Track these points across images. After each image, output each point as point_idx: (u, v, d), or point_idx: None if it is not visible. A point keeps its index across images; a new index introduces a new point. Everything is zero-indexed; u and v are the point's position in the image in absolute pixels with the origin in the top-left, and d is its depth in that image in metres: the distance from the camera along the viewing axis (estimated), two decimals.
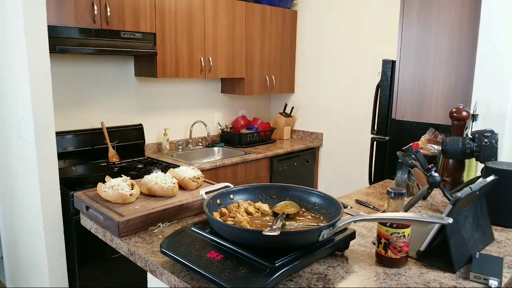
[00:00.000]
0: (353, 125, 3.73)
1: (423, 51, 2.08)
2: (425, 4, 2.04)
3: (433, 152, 1.97)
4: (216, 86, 3.87)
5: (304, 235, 1.00)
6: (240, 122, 3.94)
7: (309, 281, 0.96)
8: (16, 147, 2.37)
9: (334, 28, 3.78)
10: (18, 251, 2.62)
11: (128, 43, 2.76)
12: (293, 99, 4.23)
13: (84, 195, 1.32)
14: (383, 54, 3.08)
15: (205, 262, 0.94)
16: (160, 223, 1.25)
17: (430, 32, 2.05)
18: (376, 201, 1.72)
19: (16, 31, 2.10)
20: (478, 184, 1.15)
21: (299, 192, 1.26)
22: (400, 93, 2.19)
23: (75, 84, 2.90)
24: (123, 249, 1.16)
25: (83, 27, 2.53)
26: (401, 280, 0.98)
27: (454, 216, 1.04)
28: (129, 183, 1.34)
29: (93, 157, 2.90)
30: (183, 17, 3.09)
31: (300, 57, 4.10)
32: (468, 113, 1.66)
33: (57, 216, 2.26)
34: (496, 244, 1.23)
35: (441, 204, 1.62)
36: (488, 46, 1.78)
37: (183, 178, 1.44)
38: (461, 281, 0.99)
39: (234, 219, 1.11)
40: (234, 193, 1.24)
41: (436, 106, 2.06)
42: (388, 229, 1.03)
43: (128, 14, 2.74)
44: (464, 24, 1.93)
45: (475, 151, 1.52)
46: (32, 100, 2.09)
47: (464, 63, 1.95)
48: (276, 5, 3.84)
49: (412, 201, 1.47)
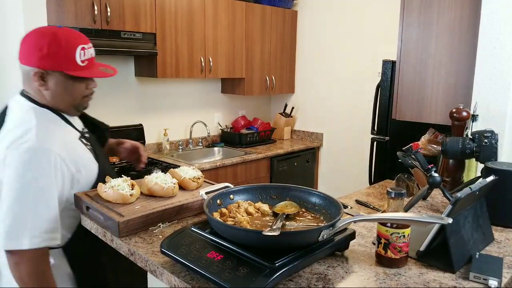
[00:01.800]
0: (353, 125, 3.73)
1: (423, 51, 2.08)
2: (425, 4, 2.04)
3: (433, 152, 1.98)
4: (216, 86, 3.87)
5: (304, 235, 1.00)
6: (240, 122, 3.94)
7: (309, 281, 0.96)
8: None
9: (334, 28, 3.78)
10: None
11: (128, 43, 2.76)
12: (293, 99, 4.23)
13: (84, 195, 1.32)
14: (383, 54, 3.08)
15: (205, 262, 0.94)
16: (160, 223, 1.26)
17: (430, 32, 2.05)
18: (376, 201, 1.72)
19: (17, 31, 2.10)
20: (478, 184, 1.15)
21: (299, 192, 1.26)
22: (400, 93, 2.19)
23: None
24: (123, 249, 1.16)
25: (83, 27, 2.53)
26: (401, 280, 0.98)
27: (454, 216, 1.04)
28: (129, 183, 1.34)
29: None
30: (183, 17, 3.09)
31: (300, 57, 4.10)
32: (468, 113, 1.66)
33: None
34: (496, 244, 1.23)
35: (441, 204, 1.62)
36: (488, 46, 1.78)
37: (183, 178, 1.44)
38: (461, 281, 0.99)
39: (234, 219, 1.11)
40: (234, 193, 1.24)
41: (436, 107, 2.06)
42: (388, 229, 1.03)
43: (128, 14, 2.74)
44: (464, 24, 1.93)
45: (475, 151, 1.52)
46: None
47: (464, 64, 1.95)
48: (276, 5, 3.84)
49: (412, 201, 1.47)
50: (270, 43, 3.84)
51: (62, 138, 1.31)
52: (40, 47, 1.25)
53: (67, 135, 1.36)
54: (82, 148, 1.38)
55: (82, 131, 1.45)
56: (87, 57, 1.31)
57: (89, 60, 1.32)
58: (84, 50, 1.30)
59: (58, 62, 1.27)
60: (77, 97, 1.36)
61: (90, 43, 1.34)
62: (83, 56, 1.30)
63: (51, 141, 1.25)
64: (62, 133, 1.34)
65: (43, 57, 1.25)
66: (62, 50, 1.26)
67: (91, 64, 1.34)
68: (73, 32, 1.32)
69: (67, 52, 1.27)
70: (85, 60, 1.30)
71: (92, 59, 1.34)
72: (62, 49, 1.26)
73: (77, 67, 1.29)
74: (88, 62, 1.32)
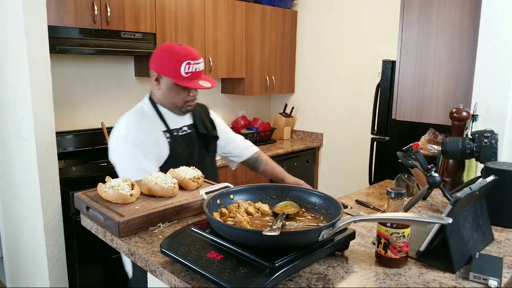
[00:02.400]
0: (353, 125, 3.73)
1: (423, 51, 2.08)
2: (425, 4, 2.04)
3: (433, 152, 1.97)
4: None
5: (304, 235, 1.00)
6: (240, 122, 3.94)
7: (309, 281, 0.96)
8: (16, 147, 2.37)
9: (334, 28, 3.78)
10: (18, 251, 2.62)
11: (128, 43, 2.76)
12: (293, 99, 4.23)
13: (84, 195, 1.32)
14: (383, 54, 3.08)
15: (205, 262, 0.94)
16: (160, 223, 1.25)
17: (430, 32, 2.05)
18: (376, 201, 1.72)
19: (17, 31, 2.10)
20: (478, 184, 1.15)
21: (299, 192, 1.26)
22: (400, 93, 2.19)
23: (75, 84, 2.91)
24: (123, 249, 1.16)
25: (83, 27, 2.53)
26: (401, 280, 0.98)
27: (454, 216, 1.04)
28: (129, 183, 1.34)
29: (93, 157, 2.90)
30: (183, 17, 3.09)
31: (300, 57, 4.10)
32: (468, 113, 1.66)
33: (57, 216, 2.26)
34: (496, 244, 1.23)
35: (441, 204, 1.62)
36: (488, 46, 1.78)
37: (183, 179, 1.44)
38: (461, 281, 0.99)
39: (234, 219, 1.11)
40: (234, 193, 1.24)
41: (436, 107, 2.06)
42: (388, 229, 1.03)
43: (128, 14, 2.74)
44: (464, 24, 1.93)
45: (475, 151, 1.52)
46: (32, 100, 2.09)
47: (464, 64, 1.95)
48: (276, 5, 3.84)
49: (412, 201, 1.47)
50: (270, 43, 3.84)
51: (147, 128, 1.67)
52: (161, 57, 1.67)
53: (154, 127, 1.70)
54: (163, 140, 1.69)
55: (173, 129, 1.75)
56: (191, 71, 1.64)
57: (193, 73, 1.65)
58: (189, 65, 1.64)
59: (168, 70, 1.65)
60: (179, 100, 1.71)
61: (199, 59, 1.67)
62: (187, 69, 1.64)
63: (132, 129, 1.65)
64: (149, 126, 1.69)
65: (159, 65, 1.67)
66: (173, 62, 1.63)
67: (194, 76, 1.66)
68: (187, 49, 1.67)
69: (175, 65, 1.63)
70: (189, 72, 1.64)
71: (197, 72, 1.66)
72: (172, 62, 1.63)
73: (181, 77, 1.64)
74: (191, 74, 1.65)
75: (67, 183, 2.36)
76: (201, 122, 1.87)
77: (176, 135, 1.75)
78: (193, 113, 1.86)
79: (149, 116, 1.72)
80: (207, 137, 1.87)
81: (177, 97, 1.71)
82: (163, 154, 1.68)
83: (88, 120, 2.96)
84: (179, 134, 1.76)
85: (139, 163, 1.60)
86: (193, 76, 1.66)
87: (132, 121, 1.68)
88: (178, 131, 1.76)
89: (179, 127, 1.78)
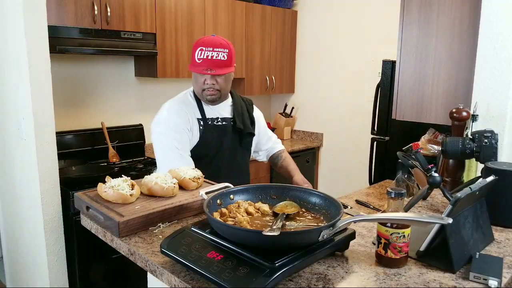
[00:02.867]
0: (353, 125, 3.73)
1: (423, 51, 2.08)
2: (425, 4, 2.04)
3: (433, 152, 1.97)
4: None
5: (304, 235, 1.00)
6: None
7: (309, 281, 0.96)
8: (16, 147, 2.37)
9: (334, 28, 3.78)
10: (18, 251, 2.62)
11: (128, 43, 2.76)
12: (293, 99, 4.23)
13: (84, 195, 1.32)
14: (383, 54, 3.08)
15: (205, 262, 0.94)
16: (160, 223, 1.26)
17: (430, 32, 2.04)
18: (376, 201, 1.72)
19: (17, 31, 2.10)
20: (478, 184, 1.15)
21: (299, 192, 1.26)
22: (400, 93, 2.19)
23: (75, 84, 2.91)
24: (123, 249, 1.16)
25: (83, 27, 2.53)
26: (401, 280, 0.98)
27: (454, 216, 1.04)
28: (129, 183, 1.34)
29: (93, 157, 2.90)
30: (183, 17, 3.09)
31: (300, 57, 4.10)
32: (468, 113, 1.66)
33: (57, 216, 2.26)
34: (496, 244, 1.23)
35: (441, 204, 1.62)
36: (488, 46, 1.78)
37: (183, 179, 1.44)
38: (461, 281, 0.99)
39: (234, 219, 1.11)
40: (234, 193, 1.24)
41: (436, 107, 2.06)
42: (388, 229, 1.03)
43: (128, 14, 2.74)
44: (464, 24, 1.93)
45: (475, 152, 1.52)
46: (32, 100, 2.09)
47: (464, 64, 1.95)
48: (276, 5, 3.84)
49: (412, 201, 1.47)
50: (270, 43, 3.84)
51: (183, 114, 1.78)
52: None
53: (190, 113, 1.80)
54: (195, 126, 1.80)
55: (208, 118, 1.83)
56: (202, 57, 1.67)
57: (205, 60, 1.67)
58: (202, 51, 1.67)
59: (190, 58, 1.74)
60: (198, 88, 1.78)
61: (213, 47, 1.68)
62: (200, 55, 1.68)
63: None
64: (186, 112, 1.79)
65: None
66: (193, 50, 1.72)
67: (208, 64, 1.68)
68: (208, 38, 1.72)
69: (193, 52, 1.71)
70: (201, 59, 1.68)
71: (211, 60, 1.68)
72: (193, 49, 1.72)
73: (194, 63, 1.71)
74: (202, 60, 1.68)
75: (67, 183, 2.36)
76: (241, 117, 1.91)
77: (209, 124, 1.82)
78: (235, 107, 1.93)
79: (188, 103, 1.82)
80: (242, 132, 1.90)
81: (196, 85, 1.78)
82: (194, 138, 1.79)
83: (88, 120, 2.96)
84: (213, 124, 1.84)
85: (173, 144, 1.72)
86: (203, 63, 1.69)
87: (173, 106, 1.81)
88: (213, 121, 1.84)
89: (214, 117, 1.85)
